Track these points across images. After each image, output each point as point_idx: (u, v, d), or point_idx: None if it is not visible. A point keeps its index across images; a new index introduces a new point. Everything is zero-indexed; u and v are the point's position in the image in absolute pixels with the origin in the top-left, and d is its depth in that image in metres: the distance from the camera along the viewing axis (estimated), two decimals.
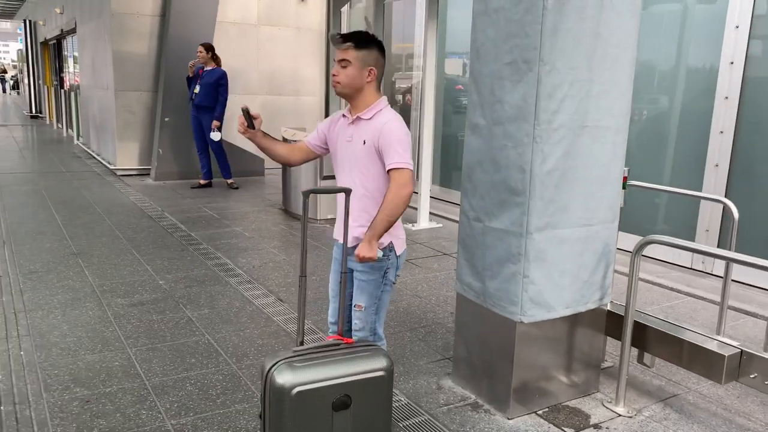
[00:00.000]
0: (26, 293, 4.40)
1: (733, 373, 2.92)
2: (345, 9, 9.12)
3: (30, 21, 20.95)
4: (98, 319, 3.99)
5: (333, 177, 7.09)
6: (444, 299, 4.57)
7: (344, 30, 9.85)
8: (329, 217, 6.98)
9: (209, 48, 8.28)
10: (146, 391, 3.09)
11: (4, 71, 38.34)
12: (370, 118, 2.55)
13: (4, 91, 39.24)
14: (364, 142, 2.53)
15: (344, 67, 2.52)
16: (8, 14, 29.95)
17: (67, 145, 13.62)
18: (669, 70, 5.68)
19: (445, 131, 8.43)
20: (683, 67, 5.60)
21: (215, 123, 8.32)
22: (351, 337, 2.71)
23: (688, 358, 3.08)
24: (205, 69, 8.32)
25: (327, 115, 11.05)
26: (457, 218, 7.06)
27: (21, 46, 24.72)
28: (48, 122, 19.20)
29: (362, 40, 2.52)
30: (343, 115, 2.67)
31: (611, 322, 3.24)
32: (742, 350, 2.93)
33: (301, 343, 2.17)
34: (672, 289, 4.88)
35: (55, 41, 17.84)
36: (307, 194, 2.09)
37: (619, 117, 2.96)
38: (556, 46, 2.66)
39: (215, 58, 8.35)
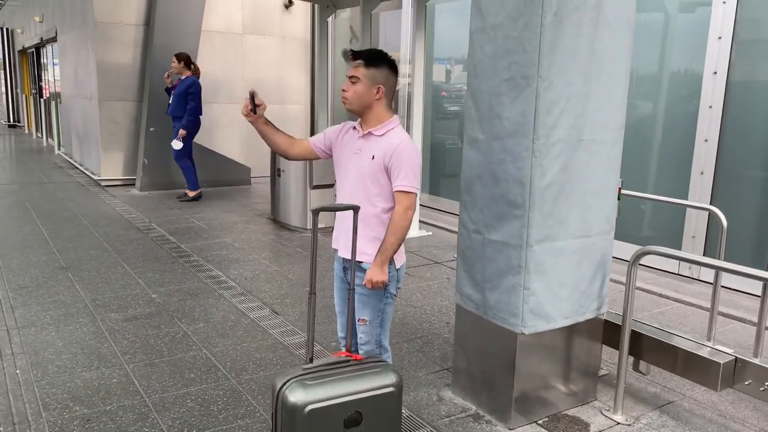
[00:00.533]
0: (17, 309, 4.35)
1: (728, 380, 2.99)
2: (330, 18, 9.15)
3: (7, 29, 20.68)
4: (93, 334, 3.96)
5: (322, 186, 7.09)
6: (439, 309, 4.60)
7: (329, 39, 9.89)
8: (321, 226, 6.96)
9: (181, 58, 8.19)
10: (147, 408, 3.08)
11: None
12: (381, 135, 2.59)
13: None
14: (373, 157, 2.56)
15: (354, 83, 2.56)
16: None
17: (47, 155, 13.46)
18: (655, 79, 5.79)
19: (433, 139, 8.48)
20: (669, 77, 5.71)
21: (181, 132, 8.22)
22: (357, 350, 2.74)
23: (683, 366, 3.15)
24: (180, 79, 8.26)
25: (312, 123, 11.07)
26: (448, 226, 7.17)
27: None
28: (27, 131, 18.95)
29: (372, 57, 2.56)
30: (354, 128, 2.70)
31: (608, 331, 3.29)
32: (736, 357, 3.00)
33: (311, 360, 2.19)
34: (661, 295, 4.97)
35: (33, 50, 17.61)
36: (316, 212, 2.11)
37: (614, 131, 3.02)
38: (554, 62, 2.71)
39: (191, 67, 8.27)
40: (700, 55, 5.31)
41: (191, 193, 8.55)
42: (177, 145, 8.24)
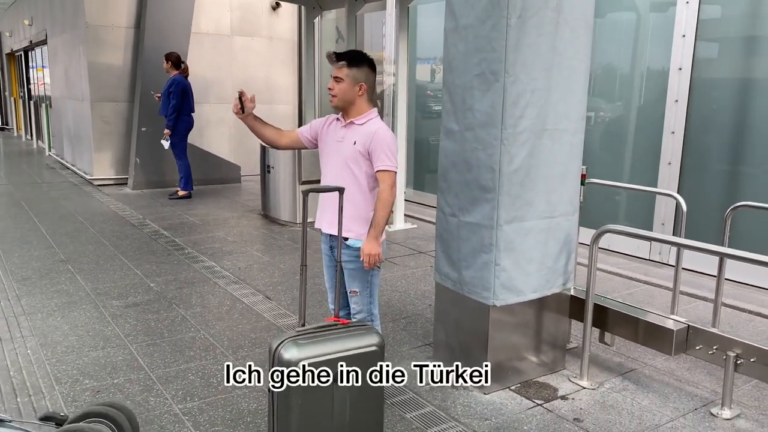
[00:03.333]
0: (23, 298, 4.59)
1: (682, 346, 3.30)
2: (316, 20, 9.42)
3: None
4: (96, 319, 4.21)
5: (311, 182, 7.35)
6: (422, 293, 4.89)
7: (316, 39, 10.15)
8: (310, 221, 7.23)
9: (169, 58, 8.43)
10: (151, 381, 3.34)
11: None
12: (362, 124, 2.89)
13: None
14: (355, 143, 2.86)
15: (338, 82, 2.86)
16: None
17: (38, 156, 13.62)
18: (625, 75, 6.12)
19: (417, 136, 8.78)
20: (638, 72, 6.04)
21: (165, 131, 8.45)
22: (348, 316, 3.03)
23: (643, 336, 3.46)
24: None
25: (300, 122, 11.33)
26: (431, 219, 7.47)
27: None
28: (16, 134, 19.05)
29: (354, 59, 2.86)
30: (337, 119, 3.00)
31: (575, 306, 3.59)
32: (689, 325, 3.31)
33: (303, 325, 2.46)
34: (630, 278, 5.29)
35: (22, 53, 17.73)
36: (306, 193, 2.39)
37: (575, 121, 3.32)
38: (519, 59, 3.01)
39: (180, 67, 8.51)
40: (666, 53, 5.64)
41: (181, 192, 8.79)
42: (165, 144, 8.46)
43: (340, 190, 2.53)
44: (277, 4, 10.89)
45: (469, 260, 3.26)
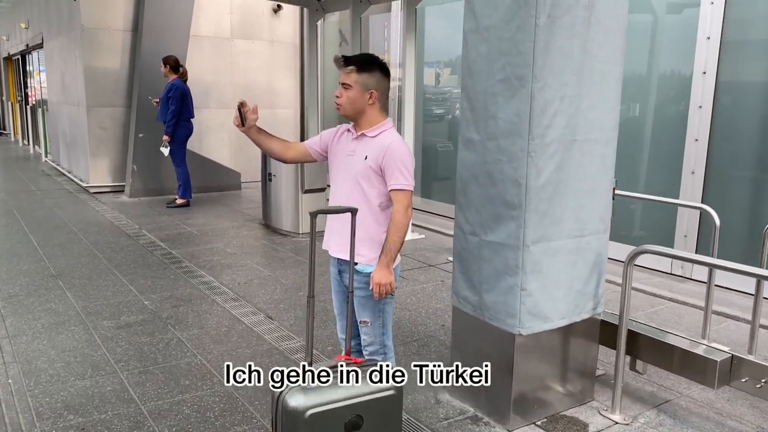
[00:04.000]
0: (8, 318, 4.30)
1: (725, 378, 3.00)
2: (319, 22, 9.14)
3: None
4: (86, 343, 3.92)
5: (314, 191, 7.05)
6: (434, 311, 4.59)
7: (318, 43, 9.87)
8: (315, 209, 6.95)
9: (167, 62, 8.14)
10: (143, 417, 3.04)
11: None
12: (374, 136, 2.60)
13: None
14: (366, 158, 2.57)
15: (346, 89, 2.56)
16: None
17: (34, 162, 13.34)
18: (643, 79, 5.83)
19: (425, 142, 8.49)
20: (657, 77, 5.75)
21: (164, 138, 8.17)
22: (362, 352, 2.74)
23: (680, 364, 3.16)
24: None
25: (302, 127, 11.05)
26: (441, 229, 7.17)
27: None
28: (13, 139, 18.79)
29: (364, 63, 2.57)
30: (348, 130, 2.71)
31: (604, 331, 3.30)
32: (732, 355, 3.01)
33: (310, 365, 2.17)
34: (655, 294, 4.99)
35: (19, 56, 17.47)
36: (314, 215, 2.09)
37: (607, 130, 3.03)
38: (548, 63, 2.72)
39: (178, 71, 8.22)
40: (689, 56, 5.35)
41: (180, 201, 8.50)
42: (165, 151, 8.18)
43: (353, 212, 2.23)
44: (279, 7, 10.62)
45: (492, 283, 2.96)
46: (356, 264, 2.60)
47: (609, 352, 3.41)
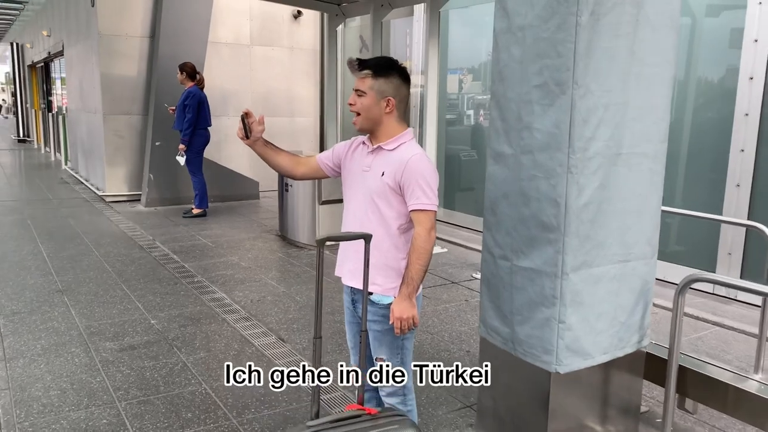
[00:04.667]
0: (7, 338, 4.07)
1: None
2: (340, 28, 8.90)
3: (17, 44, 20.68)
4: (85, 367, 3.67)
5: (331, 202, 6.78)
6: (458, 335, 4.27)
7: (339, 48, 9.63)
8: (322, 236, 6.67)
9: (183, 69, 7.94)
10: None
11: None
12: (392, 150, 2.30)
13: None
14: (383, 174, 2.27)
15: (360, 96, 2.26)
16: None
17: (54, 170, 13.29)
18: (682, 86, 5.46)
19: (447, 151, 8.18)
20: (697, 83, 5.38)
21: (181, 147, 7.97)
22: (378, 391, 2.44)
23: (734, 405, 2.81)
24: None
25: (321, 136, 10.81)
26: (464, 243, 6.84)
27: (8, 68, 24.44)
28: (36, 146, 18.86)
29: (380, 67, 2.27)
30: (363, 143, 2.41)
31: (651, 365, 2.96)
32: None
33: (316, 415, 1.87)
34: (698, 318, 4.61)
35: (42, 64, 17.56)
36: (322, 243, 1.80)
37: (656, 142, 2.70)
38: (591, 66, 2.40)
39: (195, 78, 8.02)
40: (733, 60, 4.97)
41: (196, 211, 8.28)
42: (181, 160, 7.99)
43: (366, 238, 1.93)
44: (299, 12, 10.41)
45: (525, 314, 2.64)
46: (371, 294, 2.30)
47: (652, 384, 3.07)
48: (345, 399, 3.32)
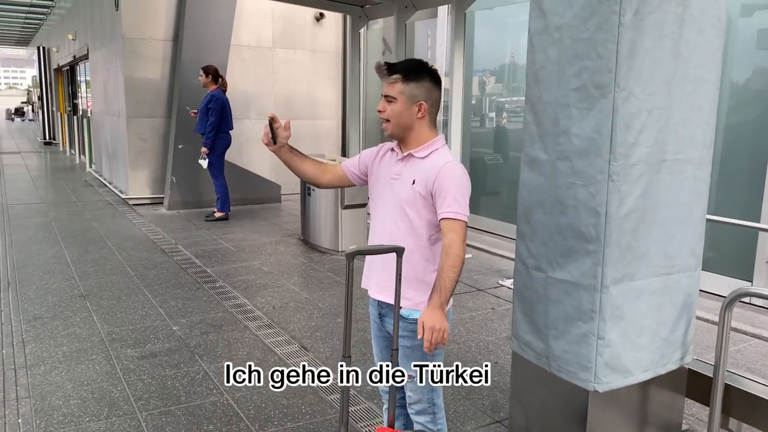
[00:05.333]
0: (28, 344, 4.04)
1: None
2: (362, 30, 8.81)
3: (44, 48, 20.96)
4: (106, 375, 3.61)
5: (354, 206, 6.67)
6: (485, 346, 4.14)
7: (361, 51, 9.54)
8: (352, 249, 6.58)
9: (208, 71, 7.90)
10: None
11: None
12: (423, 157, 2.19)
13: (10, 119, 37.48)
14: (414, 182, 2.16)
15: (390, 102, 2.16)
16: (24, 41, 30.20)
17: (79, 172, 13.39)
18: (720, 88, 5.26)
19: (472, 154, 8.05)
20: (731, 86, 5.19)
21: (203, 150, 7.93)
22: (406, 408, 2.33)
23: None
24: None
25: (343, 139, 10.73)
26: (488, 248, 6.70)
27: (35, 72, 24.80)
28: (61, 149, 19.08)
29: (411, 70, 2.16)
30: (392, 149, 2.31)
31: (693, 383, 2.81)
32: None
33: None
34: (735, 329, 4.42)
35: (68, 67, 17.75)
36: (352, 256, 1.70)
37: (701, 148, 2.55)
38: (634, 68, 2.27)
39: (218, 81, 7.99)
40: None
41: (218, 214, 8.25)
42: (203, 163, 7.96)
43: (398, 251, 1.82)
44: (321, 15, 10.35)
45: (561, 329, 2.51)
46: (400, 308, 2.19)
47: (690, 401, 2.92)
48: (369, 412, 3.22)
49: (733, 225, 4.72)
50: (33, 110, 35.71)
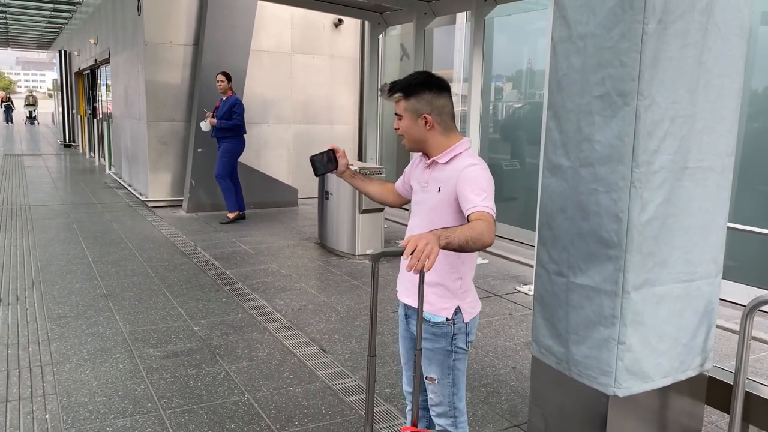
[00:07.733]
0: (54, 342, 4.12)
1: None
2: (381, 36, 8.88)
3: (65, 51, 21.27)
4: (129, 373, 3.68)
5: (372, 211, 6.71)
6: (503, 351, 4.16)
7: (380, 57, 9.60)
8: (369, 252, 6.63)
9: (230, 77, 8.04)
10: None
11: (33, 103, 37.07)
12: (446, 162, 2.24)
13: (8, 121, 35.72)
14: (440, 189, 2.21)
15: (400, 119, 2.27)
16: (45, 45, 30.66)
17: (99, 175, 13.57)
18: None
19: (489, 160, 8.07)
20: (751, 94, 5.18)
21: (212, 120, 7.96)
22: (428, 410, 2.37)
23: None
24: (222, 99, 8.10)
25: (360, 144, 10.80)
26: (505, 254, 6.71)
27: (56, 75, 25.15)
28: (81, 151, 19.33)
29: (408, 88, 2.22)
30: (421, 157, 2.37)
31: (713, 390, 2.81)
32: None
33: None
34: (754, 338, 4.41)
35: (88, 71, 18.01)
36: (377, 258, 1.74)
37: (723, 156, 2.57)
38: (657, 76, 2.29)
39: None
40: None
41: (231, 215, 8.34)
42: (204, 126, 7.98)
43: None
44: (340, 21, 10.43)
45: (582, 334, 2.53)
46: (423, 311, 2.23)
47: (708, 406, 2.92)
48: (389, 414, 3.26)
49: (753, 233, 4.70)
50: (33, 113, 35.74)
